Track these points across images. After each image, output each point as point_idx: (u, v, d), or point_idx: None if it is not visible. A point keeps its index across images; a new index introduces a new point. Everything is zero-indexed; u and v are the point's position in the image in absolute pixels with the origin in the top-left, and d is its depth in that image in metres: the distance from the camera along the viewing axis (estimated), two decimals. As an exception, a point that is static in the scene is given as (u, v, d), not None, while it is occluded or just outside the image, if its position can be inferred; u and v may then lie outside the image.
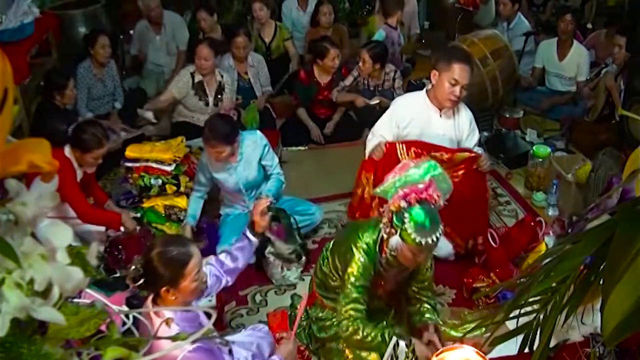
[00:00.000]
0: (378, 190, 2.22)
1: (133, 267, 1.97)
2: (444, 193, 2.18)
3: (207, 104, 4.28)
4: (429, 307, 2.49)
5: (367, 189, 3.22)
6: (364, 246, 2.25)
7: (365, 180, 3.24)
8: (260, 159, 3.33)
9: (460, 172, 3.09)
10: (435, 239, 2.07)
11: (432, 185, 2.11)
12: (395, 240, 2.11)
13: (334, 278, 2.41)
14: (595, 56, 5.15)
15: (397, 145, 3.11)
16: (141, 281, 1.97)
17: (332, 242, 2.54)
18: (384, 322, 2.44)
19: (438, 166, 2.20)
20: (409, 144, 3.09)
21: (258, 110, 4.57)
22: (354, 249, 2.26)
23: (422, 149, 3.06)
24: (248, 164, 3.30)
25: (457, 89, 2.99)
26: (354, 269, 2.24)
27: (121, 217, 3.26)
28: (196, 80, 4.24)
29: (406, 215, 2.07)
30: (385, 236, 2.18)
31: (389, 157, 3.11)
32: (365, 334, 2.21)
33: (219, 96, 4.29)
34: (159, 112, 4.76)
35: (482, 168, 3.11)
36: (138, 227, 3.33)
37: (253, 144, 3.31)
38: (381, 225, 2.20)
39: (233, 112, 4.30)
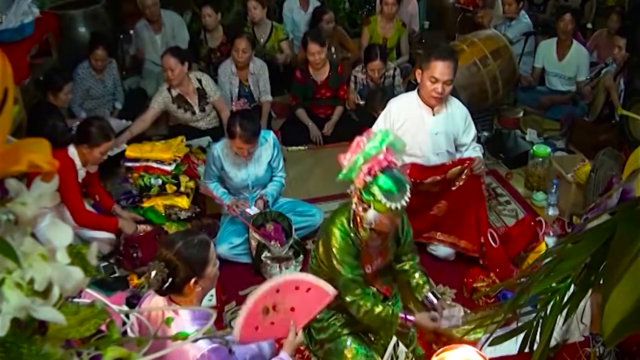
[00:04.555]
0: (342, 175, 2.26)
1: (154, 272, 1.88)
2: (400, 152, 2.28)
3: (193, 113, 4.18)
4: (412, 264, 2.57)
5: None
6: (339, 226, 2.34)
7: None
8: (270, 160, 3.38)
9: (457, 183, 3.11)
10: (407, 200, 2.16)
11: (389, 151, 2.20)
12: (371, 214, 2.17)
13: (324, 270, 2.43)
14: (597, 56, 5.16)
15: None
16: (168, 283, 1.90)
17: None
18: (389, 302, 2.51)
19: (389, 131, 2.27)
20: (404, 166, 3.10)
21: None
22: (331, 233, 2.34)
23: (415, 173, 3.04)
24: (259, 161, 3.36)
25: (439, 86, 2.98)
26: (336, 248, 2.32)
27: (118, 221, 3.26)
28: (174, 94, 4.09)
29: (374, 187, 2.14)
30: (360, 214, 2.24)
31: None
32: (378, 310, 2.33)
33: (204, 101, 4.19)
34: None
35: (475, 171, 3.10)
36: (148, 227, 3.33)
37: (266, 142, 3.38)
38: (352, 206, 2.27)
39: (244, 102, 4.33)
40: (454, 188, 3.12)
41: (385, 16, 5.22)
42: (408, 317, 2.35)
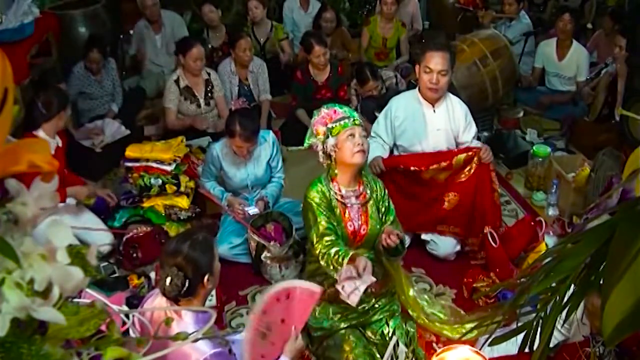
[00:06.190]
0: (306, 142, 2.59)
1: (169, 279, 1.89)
2: (351, 114, 2.47)
3: (199, 106, 4.23)
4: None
5: None
6: (316, 183, 2.50)
7: None
8: (269, 159, 3.39)
9: (466, 172, 3.12)
10: (355, 117, 2.44)
11: (330, 109, 2.47)
12: (330, 141, 2.42)
13: (312, 253, 2.46)
14: (597, 56, 5.16)
15: (397, 167, 3.13)
16: (186, 287, 1.91)
17: None
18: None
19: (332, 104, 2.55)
20: (406, 161, 3.11)
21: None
22: (308, 191, 2.49)
23: (421, 164, 3.07)
24: (258, 161, 3.37)
25: (434, 76, 3.02)
26: (314, 201, 2.44)
27: (67, 191, 3.16)
28: (182, 85, 4.18)
29: (328, 126, 2.43)
30: (326, 157, 2.48)
31: (390, 173, 3.13)
32: (335, 257, 2.30)
33: (209, 95, 4.26)
34: (158, 112, 4.76)
35: (484, 160, 3.10)
36: (148, 227, 3.33)
37: (265, 142, 3.39)
38: (320, 159, 2.52)
39: (242, 100, 4.31)
40: (463, 178, 3.13)
41: (385, 16, 5.22)
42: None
